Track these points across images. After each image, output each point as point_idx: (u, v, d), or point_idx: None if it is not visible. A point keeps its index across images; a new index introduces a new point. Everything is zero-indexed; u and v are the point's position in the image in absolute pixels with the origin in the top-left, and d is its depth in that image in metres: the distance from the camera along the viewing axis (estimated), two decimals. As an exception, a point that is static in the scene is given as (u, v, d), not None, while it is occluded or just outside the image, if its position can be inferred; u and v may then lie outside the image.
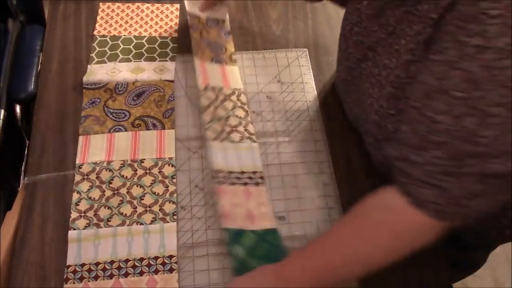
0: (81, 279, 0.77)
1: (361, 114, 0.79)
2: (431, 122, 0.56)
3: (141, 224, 0.83)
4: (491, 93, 0.50)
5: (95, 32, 1.05)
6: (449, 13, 0.55)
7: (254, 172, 0.88)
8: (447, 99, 0.54)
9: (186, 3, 1.03)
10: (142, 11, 1.09)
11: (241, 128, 0.93)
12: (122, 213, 0.84)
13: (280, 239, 0.81)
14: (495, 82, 0.49)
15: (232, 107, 0.95)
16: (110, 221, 0.83)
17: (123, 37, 1.05)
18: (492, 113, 0.51)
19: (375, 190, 0.65)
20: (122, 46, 1.03)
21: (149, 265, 0.79)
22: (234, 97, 0.96)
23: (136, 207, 0.84)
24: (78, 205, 0.84)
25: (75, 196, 0.84)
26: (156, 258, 0.80)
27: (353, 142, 0.94)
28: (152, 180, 0.87)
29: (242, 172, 0.88)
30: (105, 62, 1.00)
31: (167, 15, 1.09)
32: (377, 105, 0.71)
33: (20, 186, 0.91)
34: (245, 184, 0.86)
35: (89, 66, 0.99)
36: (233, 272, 0.77)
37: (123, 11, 1.09)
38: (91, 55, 1.01)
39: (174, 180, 0.87)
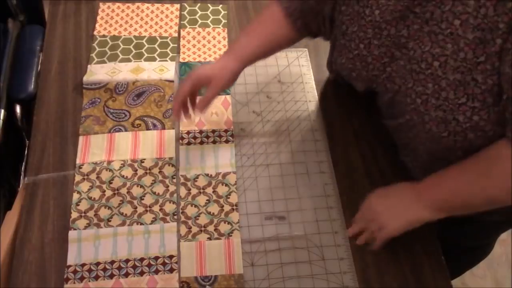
0: (82, 279, 0.77)
1: (403, 116, 0.76)
2: None
3: (141, 224, 0.83)
4: None
5: (95, 32, 1.05)
6: None
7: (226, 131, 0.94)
8: None
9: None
10: (142, 11, 1.09)
11: None
12: (122, 213, 0.84)
13: None
14: None
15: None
16: (110, 221, 0.83)
17: (123, 37, 1.05)
18: None
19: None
20: (122, 46, 1.03)
21: (149, 265, 0.79)
22: None
23: (136, 207, 0.84)
24: (78, 205, 0.84)
25: (75, 196, 0.84)
26: (156, 258, 0.80)
27: (352, 142, 0.94)
28: (152, 180, 0.87)
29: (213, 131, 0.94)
30: (105, 62, 1.00)
31: (167, 15, 1.09)
32: (435, 100, 0.68)
33: (20, 186, 0.91)
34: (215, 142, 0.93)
35: (89, 66, 0.99)
36: None
37: (123, 11, 1.09)
38: (91, 55, 1.01)
39: (174, 180, 0.87)
